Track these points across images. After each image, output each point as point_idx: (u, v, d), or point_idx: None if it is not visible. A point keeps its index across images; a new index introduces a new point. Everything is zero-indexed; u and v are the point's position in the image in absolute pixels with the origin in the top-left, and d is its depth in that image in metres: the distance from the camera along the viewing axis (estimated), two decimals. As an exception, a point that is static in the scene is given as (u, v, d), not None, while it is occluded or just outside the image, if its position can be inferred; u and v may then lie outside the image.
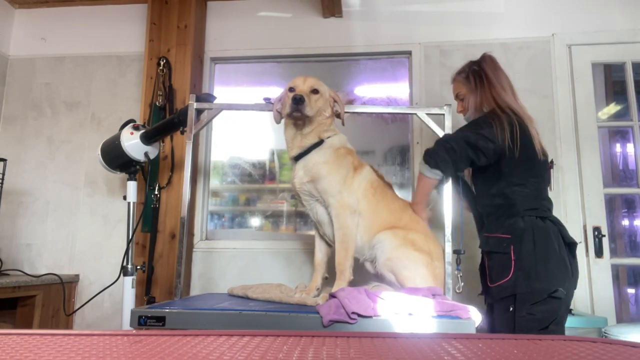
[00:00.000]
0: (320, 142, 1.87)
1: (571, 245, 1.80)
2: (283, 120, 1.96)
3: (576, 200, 2.69)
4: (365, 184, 1.89)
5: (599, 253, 2.63)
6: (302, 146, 1.86)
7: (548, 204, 1.88)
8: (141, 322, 1.56)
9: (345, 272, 1.79)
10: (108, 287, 2.33)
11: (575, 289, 1.82)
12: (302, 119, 1.83)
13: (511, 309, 1.71)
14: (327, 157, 1.84)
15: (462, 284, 1.89)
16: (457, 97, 2.08)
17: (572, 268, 1.78)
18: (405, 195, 2.87)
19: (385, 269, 1.79)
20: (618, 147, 2.88)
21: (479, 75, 1.98)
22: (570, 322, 2.18)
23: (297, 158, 1.88)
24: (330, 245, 1.96)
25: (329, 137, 1.89)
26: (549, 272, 1.71)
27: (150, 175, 2.76)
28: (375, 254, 1.82)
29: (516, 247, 1.75)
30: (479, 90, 1.97)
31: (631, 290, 2.80)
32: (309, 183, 1.83)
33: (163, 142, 2.82)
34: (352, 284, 1.80)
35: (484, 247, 1.90)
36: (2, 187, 2.72)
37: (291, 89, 1.84)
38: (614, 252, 2.66)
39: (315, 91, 1.84)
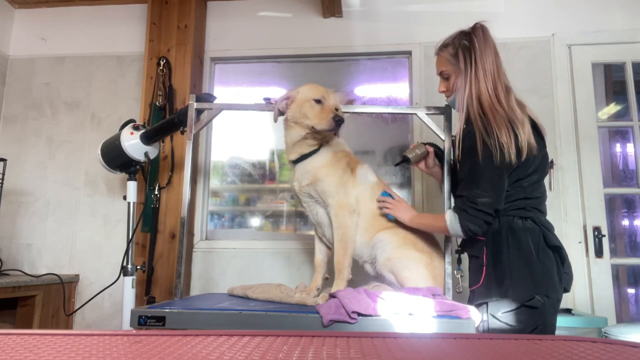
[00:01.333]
0: (319, 148, 1.90)
1: (557, 249, 1.57)
2: (282, 120, 1.96)
3: (576, 200, 2.69)
4: (364, 184, 1.90)
5: (599, 253, 2.63)
6: (301, 152, 1.89)
7: (536, 202, 1.61)
8: (141, 322, 1.56)
9: (343, 271, 1.79)
10: (108, 287, 2.34)
11: (561, 297, 1.59)
12: (320, 133, 1.84)
13: (484, 317, 1.56)
14: (325, 160, 1.87)
15: (463, 284, 1.89)
16: (441, 74, 1.79)
17: (559, 274, 1.55)
18: (405, 196, 2.88)
19: (385, 269, 1.79)
20: (618, 147, 2.88)
21: (470, 52, 1.65)
22: (570, 322, 2.18)
23: (296, 161, 1.90)
24: (329, 247, 1.97)
25: (327, 142, 1.92)
26: (524, 278, 1.51)
27: (150, 175, 2.76)
28: (375, 253, 1.82)
29: (488, 250, 1.58)
30: (470, 75, 1.64)
31: (631, 290, 2.80)
32: (308, 186, 1.85)
33: (163, 142, 2.82)
34: (352, 284, 1.80)
35: (464, 247, 1.76)
36: (2, 187, 2.72)
37: (319, 101, 1.81)
38: (614, 252, 2.66)
39: (337, 108, 1.86)
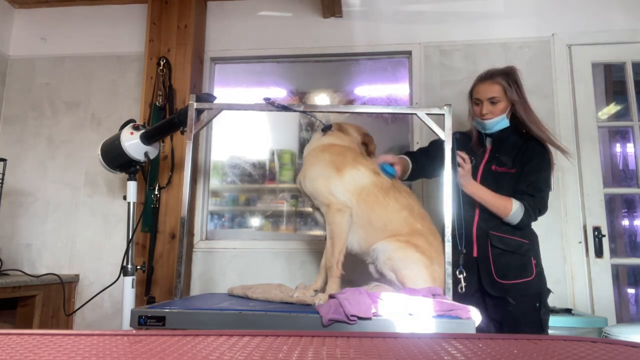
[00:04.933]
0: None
1: None
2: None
3: (576, 200, 2.69)
4: (359, 185, 1.84)
5: (599, 253, 2.63)
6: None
7: None
8: (141, 322, 1.55)
9: (332, 267, 1.77)
10: (108, 287, 2.33)
11: None
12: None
13: (537, 304, 1.95)
14: (311, 148, 1.97)
15: (465, 284, 1.87)
16: (491, 99, 2.03)
17: None
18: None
19: (385, 268, 1.79)
20: (618, 147, 2.88)
21: (519, 88, 2.05)
22: (570, 322, 2.20)
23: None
24: None
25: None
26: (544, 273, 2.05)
27: (150, 175, 2.76)
28: (376, 255, 1.82)
29: (533, 251, 2.02)
30: (522, 104, 2.03)
31: (631, 290, 2.80)
32: (300, 187, 1.90)
33: (163, 142, 2.82)
34: (352, 284, 1.80)
35: (498, 244, 1.99)
36: (2, 187, 2.72)
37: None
38: (614, 252, 2.66)
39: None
